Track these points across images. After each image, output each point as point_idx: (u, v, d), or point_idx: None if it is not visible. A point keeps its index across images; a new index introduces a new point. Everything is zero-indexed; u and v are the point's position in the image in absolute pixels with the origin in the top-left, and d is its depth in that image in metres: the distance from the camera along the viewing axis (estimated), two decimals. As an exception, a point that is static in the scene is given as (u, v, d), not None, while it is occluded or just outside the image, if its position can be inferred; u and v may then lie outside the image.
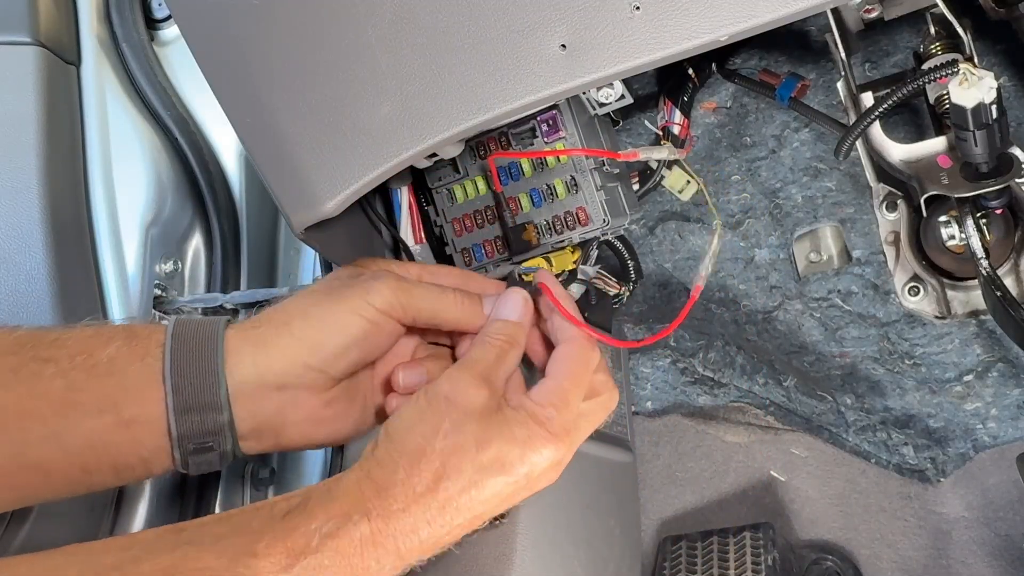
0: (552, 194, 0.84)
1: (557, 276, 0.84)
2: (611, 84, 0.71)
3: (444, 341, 0.69)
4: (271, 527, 0.50)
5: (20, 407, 0.54)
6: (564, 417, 0.57)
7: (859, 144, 0.90)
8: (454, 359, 0.67)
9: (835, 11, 0.81)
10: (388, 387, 0.66)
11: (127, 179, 0.91)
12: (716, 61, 0.97)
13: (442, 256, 0.92)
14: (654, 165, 0.96)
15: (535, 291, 0.65)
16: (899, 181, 0.88)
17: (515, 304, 0.63)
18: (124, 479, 0.58)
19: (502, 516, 0.78)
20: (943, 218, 0.87)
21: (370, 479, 0.53)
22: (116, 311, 0.88)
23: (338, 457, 0.82)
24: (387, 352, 0.65)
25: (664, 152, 0.89)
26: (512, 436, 0.55)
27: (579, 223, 0.85)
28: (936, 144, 0.83)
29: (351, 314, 0.60)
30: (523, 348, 0.62)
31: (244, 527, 0.50)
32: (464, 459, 0.54)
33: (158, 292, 0.92)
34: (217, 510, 0.84)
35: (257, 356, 0.59)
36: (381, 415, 0.66)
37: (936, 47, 0.81)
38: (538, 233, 0.86)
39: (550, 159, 0.84)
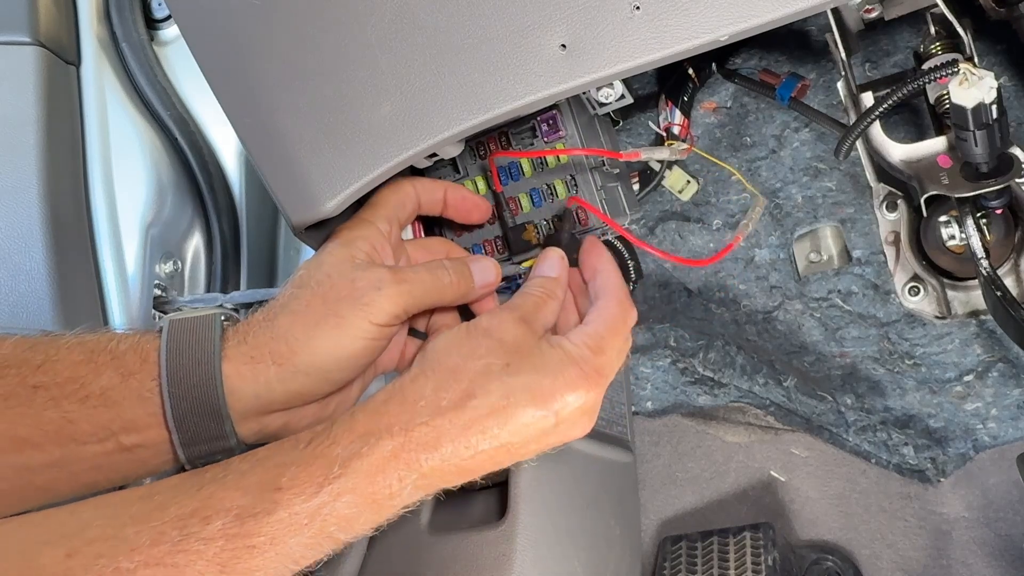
0: (552, 194, 0.84)
1: None
2: (611, 84, 0.71)
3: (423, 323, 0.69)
4: (295, 458, 0.50)
5: (16, 435, 0.53)
6: (599, 361, 0.56)
7: (859, 144, 0.90)
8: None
9: (835, 11, 0.81)
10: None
11: (127, 179, 0.91)
12: (716, 61, 0.97)
13: (442, 256, 0.92)
14: (655, 166, 0.96)
15: (577, 244, 0.67)
16: (899, 181, 0.88)
17: (553, 262, 0.64)
18: (135, 483, 0.58)
19: (503, 515, 0.78)
20: (943, 218, 0.87)
21: (398, 395, 0.53)
22: (116, 311, 0.88)
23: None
24: None
25: (666, 152, 0.89)
26: (545, 367, 0.54)
27: (579, 223, 0.85)
28: (936, 144, 0.83)
29: (356, 340, 0.58)
30: (560, 303, 0.62)
31: (268, 461, 0.50)
32: (494, 381, 0.53)
33: (158, 292, 0.92)
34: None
35: (259, 391, 0.57)
36: None
37: (936, 47, 0.81)
38: (538, 233, 0.86)
39: (550, 159, 0.84)
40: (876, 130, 0.85)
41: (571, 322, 0.64)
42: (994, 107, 0.71)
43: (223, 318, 0.59)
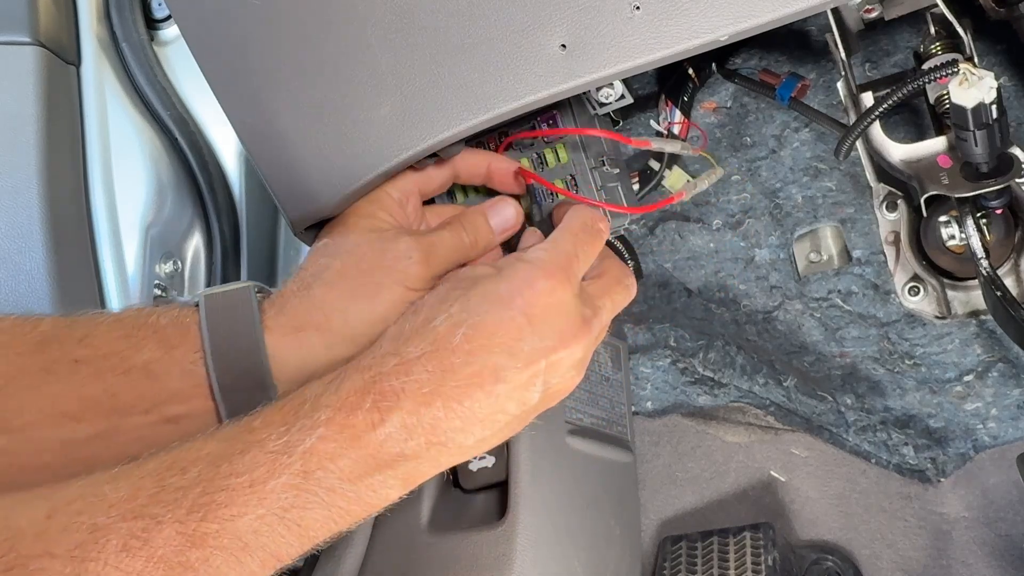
0: (553, 194, 0.84)
1: None
2: (611, 84, 0.71)
3: None
4: (267, 407, 0.49)
5: (59, 408, 0.53)
6: (553, 256, 0.55)
7: (859, 144, 0.90)
8: None
9: (835, 11, 0.81)
10: None
11: (127, 179, 0.91)
12: (716, 61, 0.97)
13: (442, 256, 0.92)
14: (654, 165, 0.96)
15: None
16: (899, 181, 0.88)
17: (531, 235, 0.67)
18: None
19: (503, 515, 0.78)
20: (943, 218, 0.87)
21: (367, 349, 0.52)
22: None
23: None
24: None
25: (677, 146, 0.88)
26: (499, 277, 0.53)
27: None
28: (936, 144, 0.83)
29: (392, 305, 0.58)
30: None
31: (243, 419, 0.48)
32: (449, 301, 0.52)
33: (158, 292, 0.92)
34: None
35: (304, 359, 0.57)
36: None
37: (936, 47, 0.81)
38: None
39: (550, 159, 0.84)
40: (876, 130, 0.85)
41: None
42: (994, 107, 0.71)
43: (255, 290, 0.59)
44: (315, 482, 0.46)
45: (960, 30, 0.76)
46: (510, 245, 0.78)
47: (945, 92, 0.79)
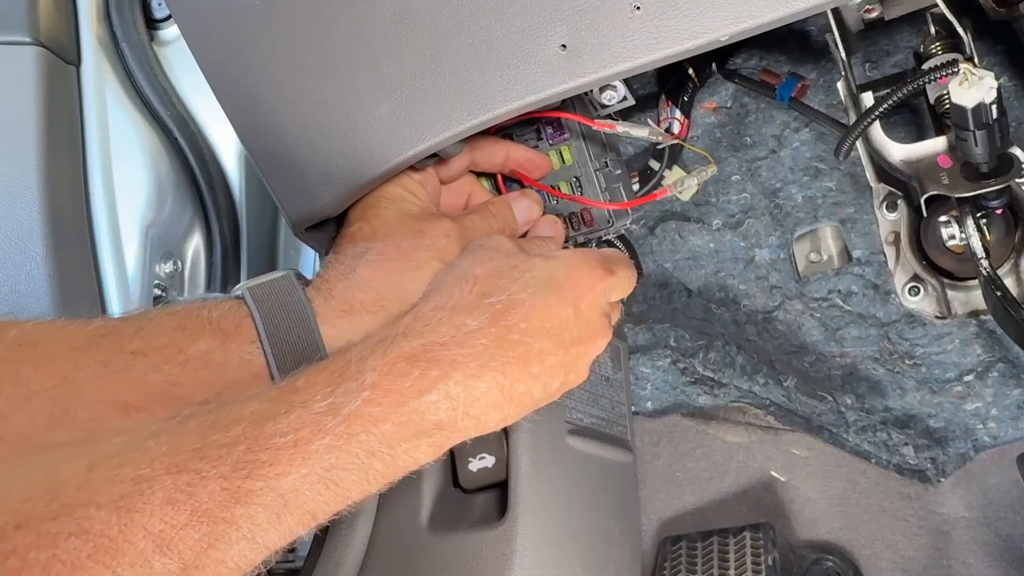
0: (557, 196, 0.85)
1: None
2: (613, 86, 0.72)
3: None
4: (311, 367, 0.49)
5: (121, 399, 0.53)
6: (607, 261, 0.58)
7: (859, 144, 0.90)
8: None
9: (835, 11, 0.81)
10: None
11: (127, 179, 0.91)
12: (716, 61, 0.97)
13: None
14: (655, 166, 0.96)
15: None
16: (899, 181, 0.88)
17: (548, 223, 0.72)
18: None
19: (503, 515, 0.78)
20: (943, 218, 0.87)
21: (411, 313, 0.52)
22: (116, 311, 0.88)
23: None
24: None
25: (644, 131, 0.88)
26: (554, 263, 0.55)
27: (584, 224, 0.85)
28: (936, 144, 0.83)
29: (432, 279, 0.59)
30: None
31: (285, 380, 0.49)
32: (505, 278, 0.53)
33: (158, 292, 0.92)
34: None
35: (356, 339, 0.56)
36: None
37: (936, 47, 0.81)
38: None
39: (555, 161, 0.85)
40: (876, 130, 0.85)
41: None
42: (994, 107, 0.71)
43: (295, 276, 0.60)
44: (357, 444, 0.46)
45: (960, 30, 0.76)
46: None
47: (945, 92, 0.79)
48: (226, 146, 0.99)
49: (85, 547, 0.39)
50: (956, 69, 0.70)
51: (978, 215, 0.83)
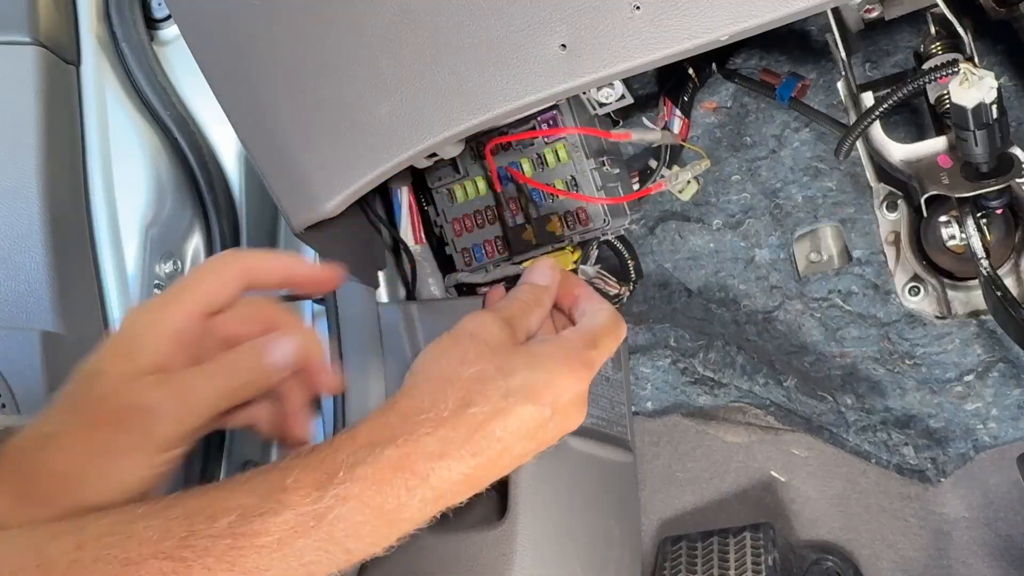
0: (552, 194, 0.84)
1: None
2: (611, 84, 0.71)
3: None
4: (298, 463, 0.50)
5: None
6: (589, 354, 0.57)
7: (859, 144, 0.90)
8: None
9: (835, 11, 0.81)
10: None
11: (127, 179, 0.91)
12: (716, 61, 0.97)
13: (442, 256, 0.92)
14: (654, 165, 0.96)
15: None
16: (899, 181, 0.88)
17: (544, 270, 0.63)
18: None
19: (503, 515, 0.78)
20: (943, 218, 0.87)
21: (395, 410, 0.53)
22: (116, 311, 0.88)
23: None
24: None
25: (657, 135, 0.88)
26: (538, 364, 0.55)
27: (579, 223, 0.85)
28: (936, 144, 0.83)
29: (136, 472, 0.51)
30: (547, 312, 0.62)
31: (272, 469, 0.50)
32: (490, 385, 0.54)
33: (158, 292, 0.92)
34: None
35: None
36: None
37: (936, 47, 0.81)
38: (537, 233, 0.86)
39: (550, 159, 0.84)
40: (876, 130, 0.85)
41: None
42: (994, 107, 0.71)
43: None
44: (336, 544, 0.49)
45: (960, 30, 0.76)
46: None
47: (945, 92, 0.79)
48: (226, 146, 0.99)
49: None
50: (956, 69, 0.70)
51: (978, 215, 0.83)
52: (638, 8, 0.54)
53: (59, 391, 0.53)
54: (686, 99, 0.96)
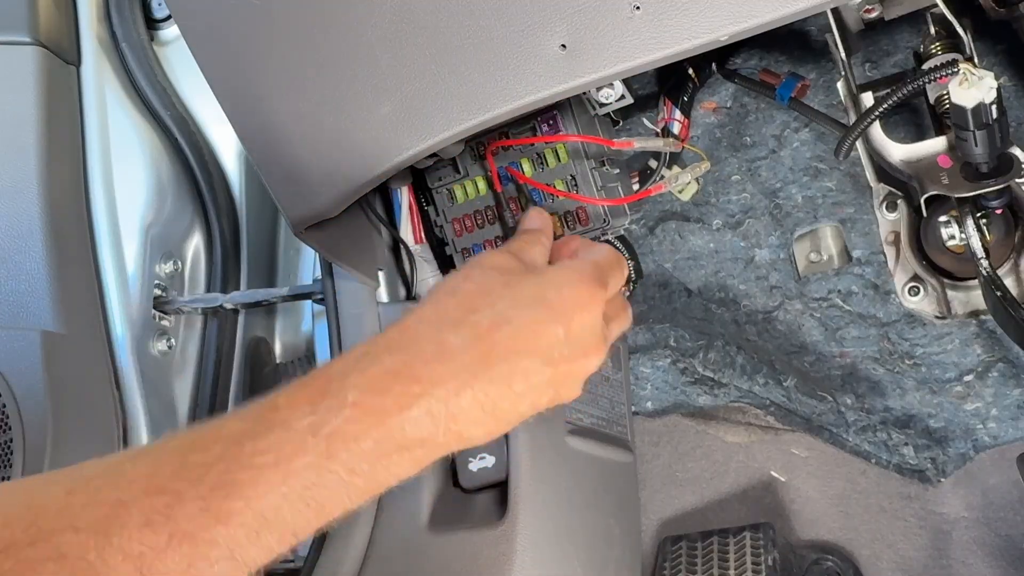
0: (553, 194, 0.84)
1: None
2: (611, 84, 0.71)
3: None
4: (292, 385, 0.48)
5: None
6: (601, 273, 0.55)
7: (859, 144, 0.90)
8: None
9: (835, 11, 0.81)
10: None
11: (127, 179, 0.91)
12: (716, 61, 0.97)
13: (442, 256, 0.92)
14: (654, 165, 0.96)
15: None
16: (899, 181, 0.88)
17: (533, 215, 0.65)
18: None
19: (503, 515, 0.78)
20: (943, 218, 0.87)
21: (394, 325, 0.51)
22: (116, 311, 0.88)
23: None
24: None
25: (659, 143, 0.88)
26: (548, 281, 0.53)
27: (579, 223, 0.85)
28: (936, 144, 0.83)
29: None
30: (547, 248, 0.61)
31: (265, 397, 0.48)
32: (496, 294, 0.51)
33: (158, 292, 0.92)
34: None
35: None
36: None
37: (936, 47, 0.81)
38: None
39: (550, 159, 0.84)
40: (876, 130, 0.85)
41: None
42: (994, 107, 0.71)
43: None
44: (338, 462, 0.45)
45: (960, 30, 0.76)
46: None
47: (945, 92, 0.79)
48: (226, 146, 0.99)
49: (63, 571, 0.39)
50: (956, 69, 0.69)
51: (978, 215, 0.83)
52: (638, 8, 0.54)
53: None
54: (686, 99, 0.96)
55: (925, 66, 0.80)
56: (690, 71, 0.95)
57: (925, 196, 0.83)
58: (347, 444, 0.46)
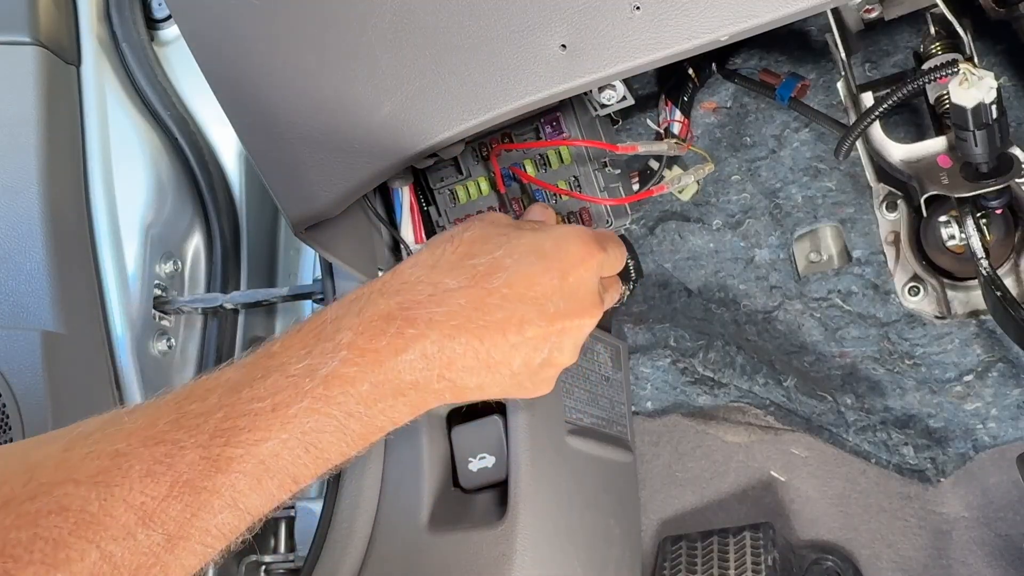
0: (556, 195, 0.84)
1: None
2: (613, 86, 0.71)
3: None
4: (287, 331, 0.47)
5: None
6: (599, 237, 0.55)
7: (859, 144, 0.90)
8: None
9: (835, 11, 0.81)
10: None
11: (127, 179, 0.91)
12: (716, 61, 0.97)
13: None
14: (655, 165, 0.96)
15: None
16: (899, 181, 0.88)
17: (537, 209, 0.64)
18: None
19: (503, 515, 0.78)
20: (943, 218, 0.87)
21: (389, 272, 0.50)
22: (116, 311, 0.88)
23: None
24: None
25: (663, 147, 0.88)
26: (545, 233, 0.52)
27: (582, 223, 0.85)
28: (936, 144, 0.83)
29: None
30: None
31: (260, 346, 0.47)
32: (492, 241, 0.51)
33: (158, 292, 0.92)
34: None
35: None
36: None
37: (936, 47, 0.81)
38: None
39: (553, 160, 0.84)
40: (876, 130, 0.85)
41: None
42: (994, 107, 0.71)
43: None
44: (335, 405, 0.45)
45: (960, 30, 0.76)
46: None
47: (945, 92, 0.79)
48: (226, 146, 0.99)
49: (66, 523, 0.39)
50: (956, 69, 0.69)
51: (978, 215, 0.83)
52: (638, 8, 0.54)
53: None
54: (686, 99, 0.96)
55: (925, 66, 0.80)
56: (690, 71, 0.95)
57: (925, 196, 0.83)
58: (343, 387, 0.45)
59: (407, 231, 0.88)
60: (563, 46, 0.57)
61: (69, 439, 0.42)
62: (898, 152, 0.85)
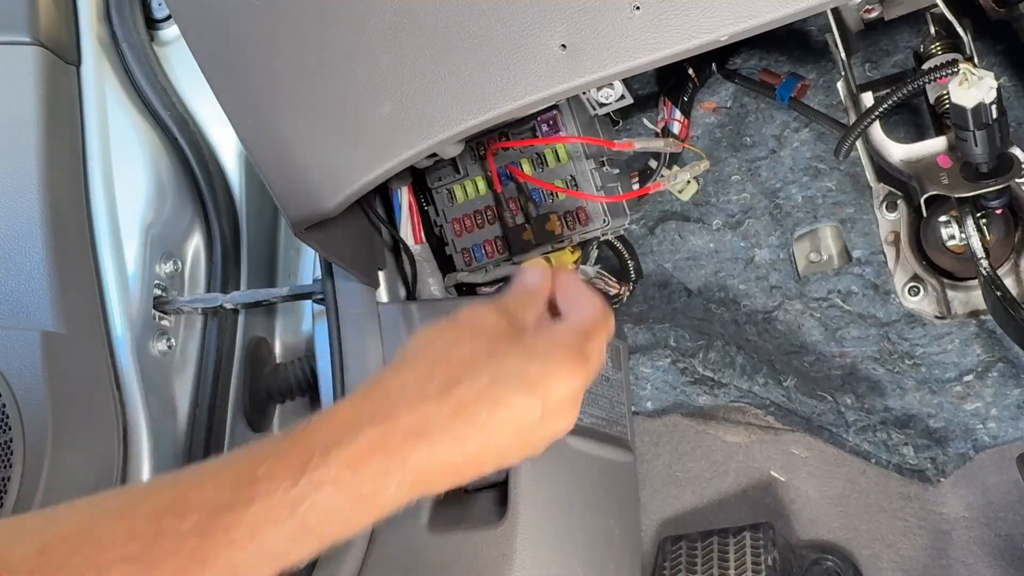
0: (553, 194, 0.84)
1: None
2: (611, 84, 0.72)
3: None
4: (272, 449, 0.48)
5: None
6: (587, 347, 0.55)
7: (859, 144, 0.90)
8: None
9: (835, 11, 0.81)
10: None
11: (127, 179, 0.91)
12: (716, 61, 0.97)
13: (442, 256, 0.92)
14: (654, 165, 0.96)
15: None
16: (899, 181, 0.88)
17: (534, 273, 0.62)
18: None
19: (503, 515, 0.78)
20: (943, 218, 0.87)
21: (378, 386, 0.51)
22: (116, 311, 0.88)
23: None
24: None
25: (660, 143, 0.88)
26: (533, 353, 0.53)
27: (579, 223, 0.85)
28: (936, 144, 0.83)
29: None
30: (540, 311, 0.60)
31: (244, 457, 0.48)
32: (481, 367, 0.51)
33: (158, 292, 0.92)
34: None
35: None
36: None
37: (936, 47, 0.81)
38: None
39: (550, 159, 0.84)
40: (876, 130, 0.85)
41: None
42: (994, 107, 0.71)
43: None
44: (310, 532, 0.47)
45: (960, 30, 0.76)
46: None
47: (945, 92, 0.79)
48: (226, 146, 0.99)
49: None
50: (956, 69, 0.70)
51: (978, 215, 0.83)
52: (638, 8, 0.54)
53: None
54: (686, 99, 0.96)
55: (925, 66, 0.80)
56: (690, 71, 0.96)
57: (925, 196, 0.83)
58: (322, 517, 0.47)
59: (406, 231, 0.88)
60: (563, 46, 0.57)
61: (46, 539, 0.43)
62: (898, 152, 0.85)
